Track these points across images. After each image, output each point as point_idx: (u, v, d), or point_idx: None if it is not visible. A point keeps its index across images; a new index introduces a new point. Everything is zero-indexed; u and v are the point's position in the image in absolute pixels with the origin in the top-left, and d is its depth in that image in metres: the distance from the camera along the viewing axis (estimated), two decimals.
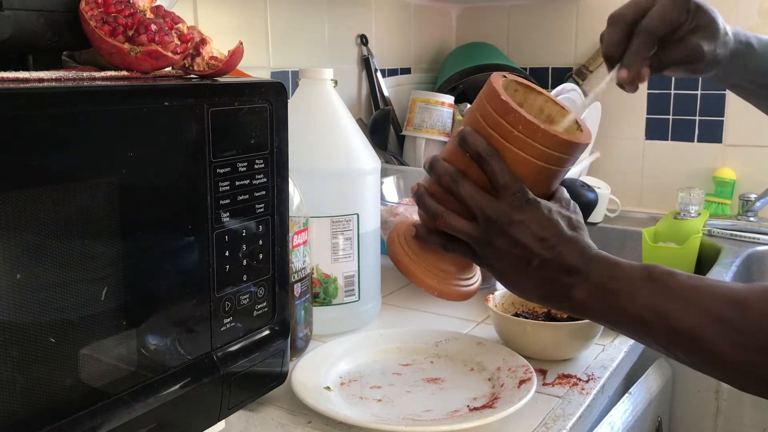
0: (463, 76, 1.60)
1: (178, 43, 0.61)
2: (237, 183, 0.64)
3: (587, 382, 0.83)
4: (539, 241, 0.65)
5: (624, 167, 1.68)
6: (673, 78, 1.60)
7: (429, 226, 0.71)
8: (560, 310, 0.68)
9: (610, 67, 0.72)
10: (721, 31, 0.73)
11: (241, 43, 0.65)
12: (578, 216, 0.69)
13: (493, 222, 0.65)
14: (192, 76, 0.64)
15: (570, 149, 0.67)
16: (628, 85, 0.73)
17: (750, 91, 0.86)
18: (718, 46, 0.74)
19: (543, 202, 0.66)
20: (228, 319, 0.65)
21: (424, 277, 0.71)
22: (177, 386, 0.60)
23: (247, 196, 0.65)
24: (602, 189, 1.51)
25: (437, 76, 1.72)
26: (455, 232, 0.68)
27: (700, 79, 1.59)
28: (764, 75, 0.82)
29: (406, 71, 1.69)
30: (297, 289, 0.84)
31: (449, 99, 1.55)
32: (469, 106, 1.52)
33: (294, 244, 0.83)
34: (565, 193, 0.70)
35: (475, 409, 0.75)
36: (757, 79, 0.82)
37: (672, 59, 0.72)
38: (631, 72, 0.70)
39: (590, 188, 1.36)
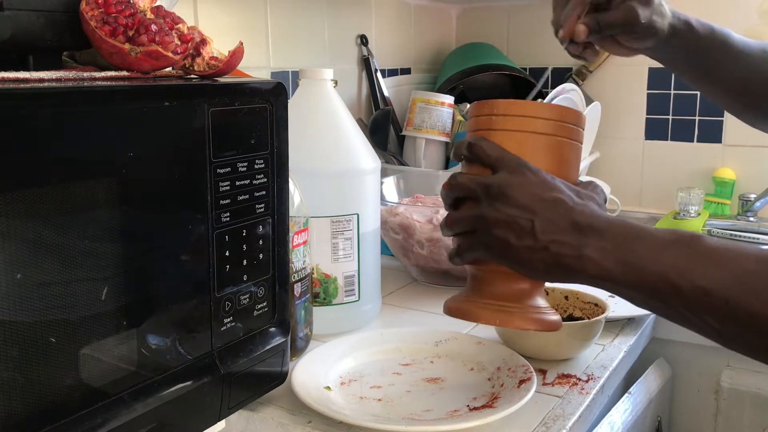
0: (463, 76, 1.60)
1: (179, 43, 0.61)
2: (237, 183, 0.64)
3: (587, 381, 0.83)
4: (542, 201, 0.63)
5: (624, 167, 1.68)
6: (673, 78, 1.61)
7: (452, 244, 0.70)
8: (570, 280, 0.64)
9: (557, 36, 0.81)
10: (656, 1, 0.80)
11: (241, 44, 0.65)
12: (594, 195, 0.66)
13: (491, 187, 0.64)
14: (192, 76, 0.64)
15: (552, 111, 0.67)
16: (578, 48, 0.81)
17: (693, 72, 0.89)
18: (654, 14, 0.80)
19: (545, 171, 0.65)
20: (228, 319, 0.65)
21: (478, 311, 0.68)
22: (177, 386, 0.60)
23: (247, 196, 0.65)
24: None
25: (437, 76, 1.72)
26: (462, 220, 0.66)
27: None
28: (703, 52, 0.85)
29: (406, 71, 1.69)
30: (297, 289, 0.84)
31: (449, 99, 1.55)
32: (469, 106, 1.52)
33: (294, 244, 0.83)
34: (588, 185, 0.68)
35: (475, 408, 0.75)
36: (698, 58, 0.86)
37: (609, 21, 0.78)
38: (565, 30, 0.78)
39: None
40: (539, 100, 1.50)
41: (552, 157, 0.67)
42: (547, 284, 0.99)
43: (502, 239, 0.64)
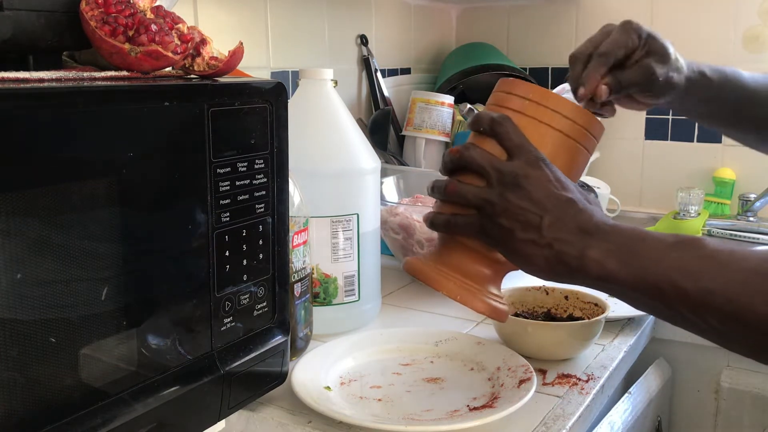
0: (463, 76, 1.60)
1: (179, 43, 0.61)
2: (237, 183, 0.64)
3: (587, 381, 0.83)
4: (554, 199, 0.63)
5: (624, 167, 1.68)
6: None
7: (438, 208, 0.68)
8: (571, 281, 0.64)
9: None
10: (672, 57, 0.79)
11: (241, 43, 0.65)
12: (597, 203, 0.68)
13: (507, 175, 0.63)
14: (192, 76, 0.64)
15: (583, 118, 0.68)
16: (596, 105, 0.77)
17: (712, 118, 0.89)
18: (671, 70, 0.78)
19: (559, 170, 0.65)
20: (228, 319, 0.65)
21: (443, 280, 0.67)
22: (177, 386, 0.60)
23: (247, 196, 0.65)
24: (602, 189, 1.51)
25: (437, 76, 1.72)
26: (466, 195, 0.65)
27: None
28: (719, 100, 0.85)
29: (406, 71, 1.69)
30: (297, 289, 0.84)
31: (449, 99, 1.55)
32: (469, 106, 1.52)
33: (294, 244, 0.83)
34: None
35: (475, 408, 0.75)
36: (714, 106, 0.86)
37: (628, 80, 0.76)
38: (586, 89, 0.75)
39: (590, 188, 1.37)
40: None
41: (566, 160, 0.68)
42: (547, 284, 1.00)
43: (506, 229, 0.64)
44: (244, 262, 0.66)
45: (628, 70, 0.76)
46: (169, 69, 0.64)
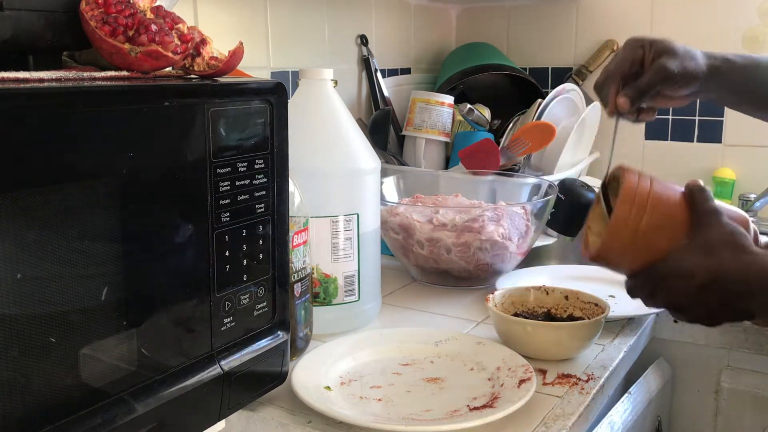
0: (463, 76, 1.60)
1: (179, 43, 0.61)
2: (237, 183, 0.64)
3: (587, 381, 0.83)
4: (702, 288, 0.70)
5: None
6: None
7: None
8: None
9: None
10: (681, 50, 0.84)
11: (241, 43, 0.65)
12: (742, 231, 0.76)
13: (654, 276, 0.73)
14: (192, 76, 0.64)
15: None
16: (633, 116, 0.87)
17: (744, 103, 0.93)
18: (685, 61, 0.84)
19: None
20: (228, 319, 0.65)
21: None
22: (177, 386, 0.60)
23: (247, 196, 0.65)
24: None
25: (437, 76, 1.72)
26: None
27: None
28: (749, 84, 0.89)
29: (406, 71, 1.69)
30: (297, 289, 0.84)
31: (449, 99, 1.55)
32: (469, 106, 1.52)
33: (294, 244, 0.83)
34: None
35: (475, 408, 0.75)
36: (745, 89, 0.90)
37: (646, 83, 0.85)
38: (608, 109, 0.85)
39: (590, 188, 1.36)
40: (539, 100, 1.50)
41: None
42: (548, 284, 1.00)
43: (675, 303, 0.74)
44: (244, 262, 0.66)
45: (643, 75, 0.83)
46: (169, 69, 0.64)
